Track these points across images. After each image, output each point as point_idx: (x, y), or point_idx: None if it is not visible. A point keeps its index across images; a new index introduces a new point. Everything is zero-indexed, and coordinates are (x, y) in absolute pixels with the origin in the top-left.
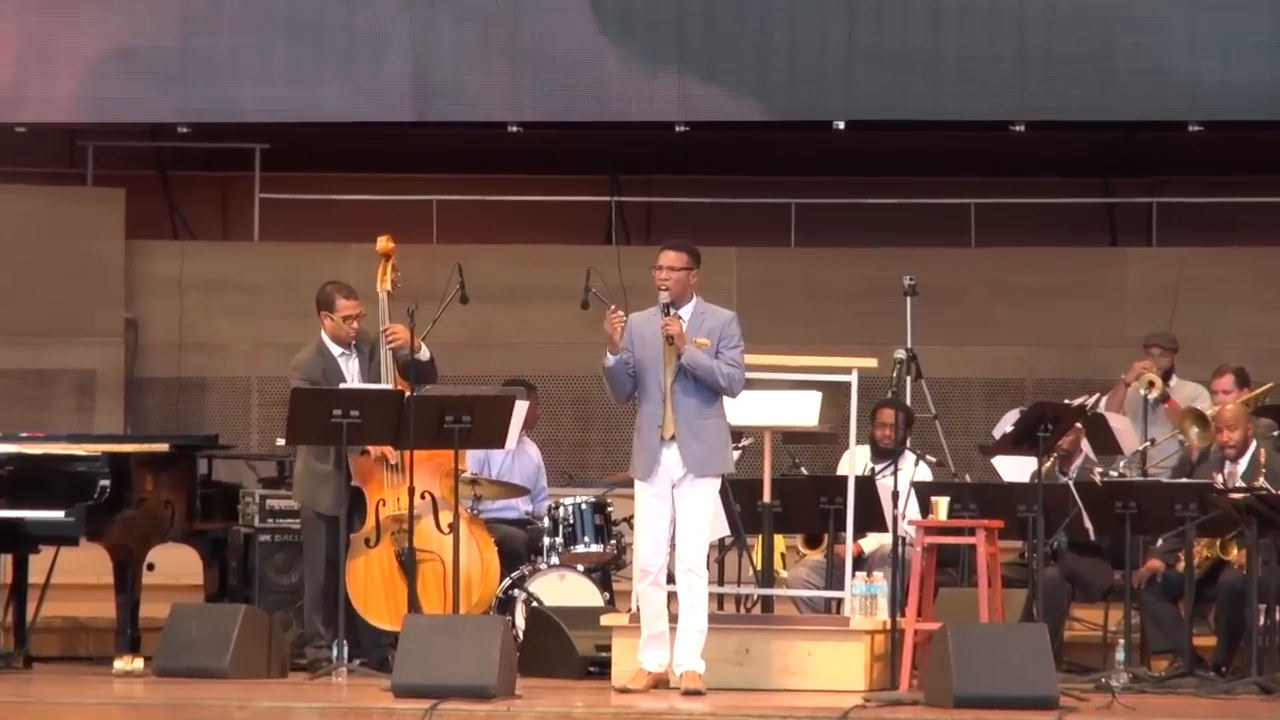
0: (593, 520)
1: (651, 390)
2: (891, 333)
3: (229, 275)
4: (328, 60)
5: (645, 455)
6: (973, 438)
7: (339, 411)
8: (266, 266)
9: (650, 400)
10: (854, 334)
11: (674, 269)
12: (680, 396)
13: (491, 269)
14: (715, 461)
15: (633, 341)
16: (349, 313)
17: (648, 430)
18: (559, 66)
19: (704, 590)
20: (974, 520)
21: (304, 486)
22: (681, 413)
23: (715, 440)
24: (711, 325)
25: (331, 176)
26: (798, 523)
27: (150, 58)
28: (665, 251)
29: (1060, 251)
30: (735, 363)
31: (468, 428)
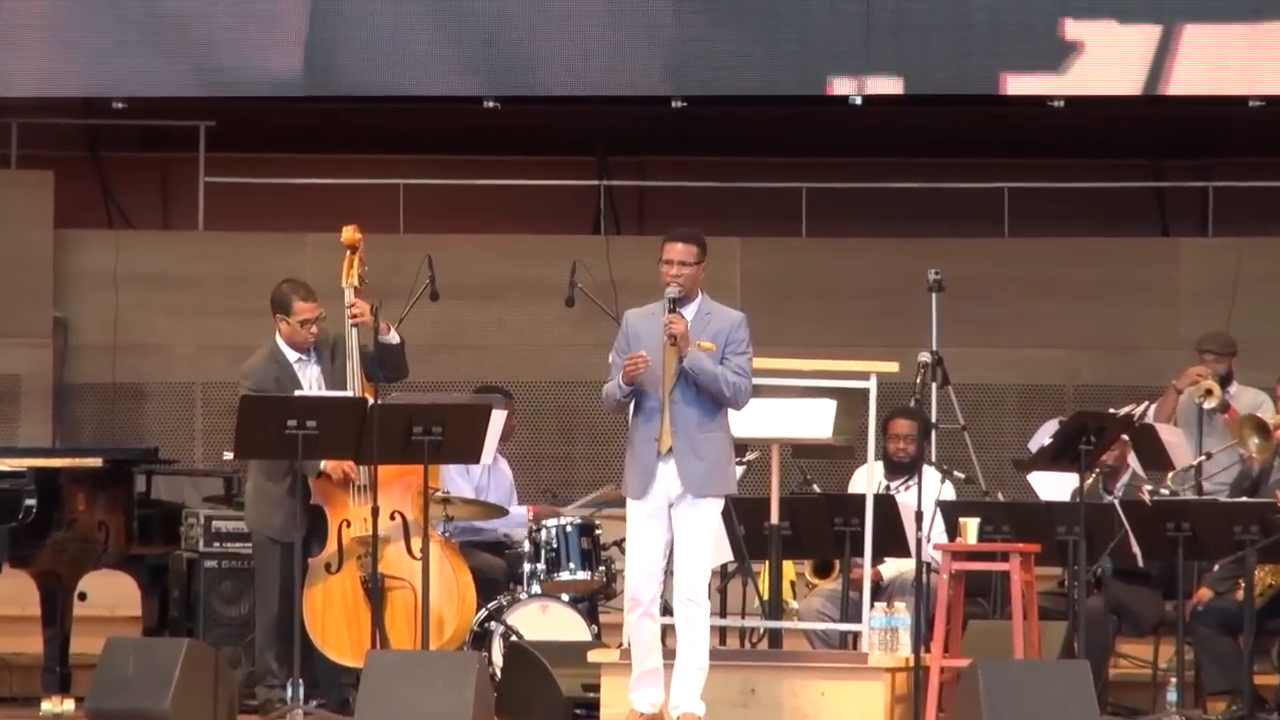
0: (579, 544)
1: (648, 398)
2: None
3: (170, 268)
4: (280, 28)
5: (639, 471)
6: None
7: (294, 422)
8: (213, 259)
9: (646, 409)
10: (873, 335)
11: (685, 264)
12: (680, 406)
13: (465, 261)
14: (717, 480)
15: (628, 342)
16: (307, 316)
17: (642, 443)
18: (540, 34)
19: (705, 623)
20: (1007, 544)
21: (255, 507)
22: (681, 425)
23: (718, 456)
24: (718, 328)
25: (285, 158)
26: (809, 547)
27: (81, 25)
28: (673, 243)
29: (1104, 242)
30: (742, 371)
31: (438, 440)
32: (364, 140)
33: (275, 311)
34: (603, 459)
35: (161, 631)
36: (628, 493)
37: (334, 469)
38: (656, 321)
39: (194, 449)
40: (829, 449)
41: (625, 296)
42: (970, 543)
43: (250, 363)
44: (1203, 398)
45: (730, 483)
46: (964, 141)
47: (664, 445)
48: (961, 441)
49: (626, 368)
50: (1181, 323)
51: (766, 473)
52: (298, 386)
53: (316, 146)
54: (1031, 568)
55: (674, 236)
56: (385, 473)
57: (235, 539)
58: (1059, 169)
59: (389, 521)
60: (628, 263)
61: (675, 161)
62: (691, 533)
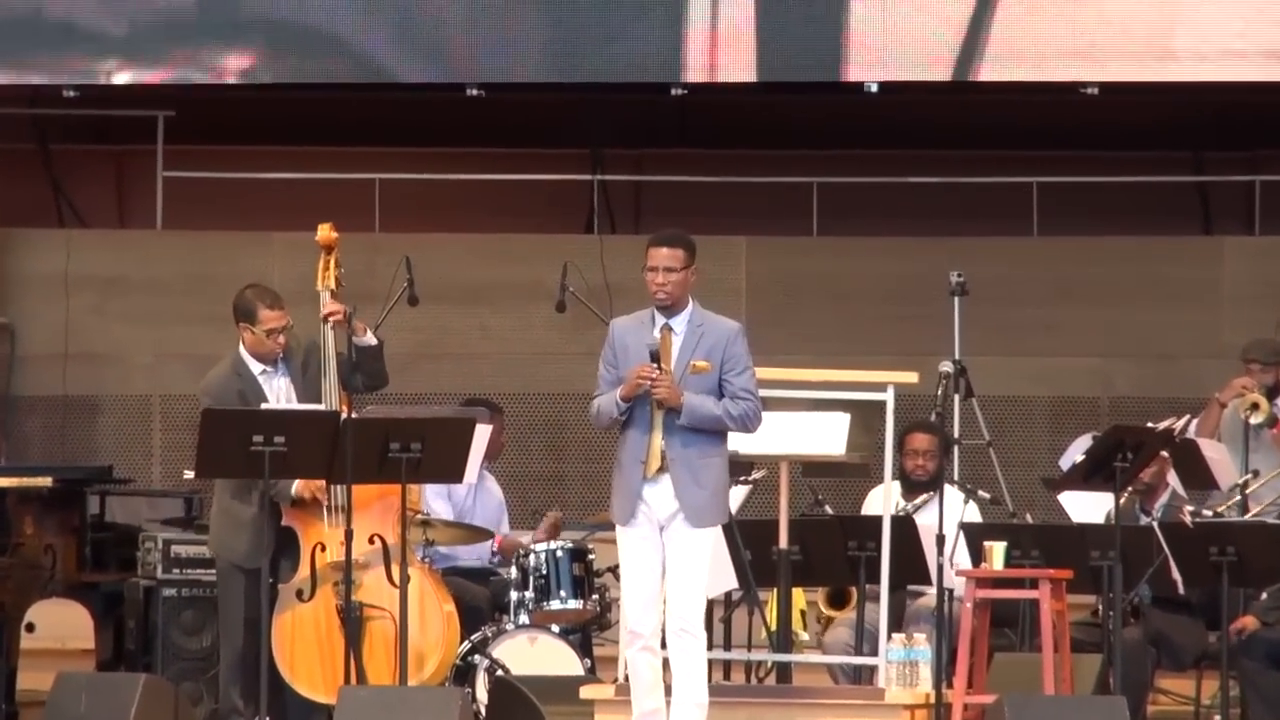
0: (570, 570)
1: (637, 416)
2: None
3: (126, 270)
4: (245, 8)
5: (625, 494)
6: (1035, 469)
7: (260, 438)
8: (172, 260)
9: (636, 428)
10: (890, 342)
11: (672, 270)
12: (677, 429)
13: (446, 263)
14: (719, 510)
15: (615, 355)
16: (273, 325)
17: (629, 464)
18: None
19: (702, 655)
20: (1036, 570)
21: (219, 530)
22: (678, 450)
23: (719, 484)
24: (712, 341)
25: (250, 150)
26: (821, 573)
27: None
28: (658, 248)
29: (1142, 241)
30: (747, 393)
31: (417, 457)
32: (336, 131)
33: (238, 320)
34: (597, 478)
35: (116, 666)
36: (614, 518)
37: (303, 490)
38: (645, 334)
39: (151, 467)
40: (842, 467)
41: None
42: (996, 568)
43: (210, 377)
44: (1249, 411)
45: (724, 511)
46: (989, 132)
47: (650, 468)
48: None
49: (633, 381)
50: (1225, 329)
51: (774, 493)
52: (263, 401)
53: (284, 138)
54: (1063, 595)
55: (658, 240)
56: (363, 493)
57: (197, 565)
58: (1092, 162)
59: (367, 546)
60: (623, 264)
61: (675, 154)
62: (685, 558)
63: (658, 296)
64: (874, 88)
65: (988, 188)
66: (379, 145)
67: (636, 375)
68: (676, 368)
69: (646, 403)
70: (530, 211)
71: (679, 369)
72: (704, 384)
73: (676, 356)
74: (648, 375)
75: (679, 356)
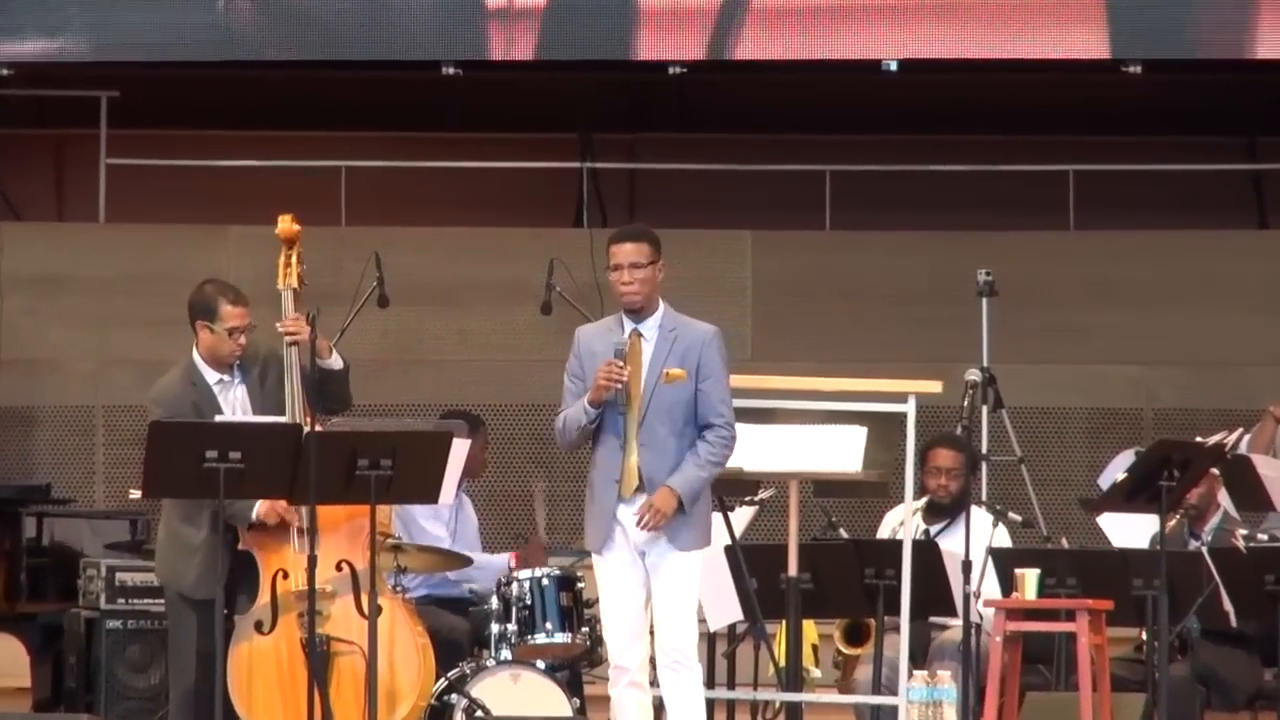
0: (557, 600)
1: (608, 432)
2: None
3: (66, 268)
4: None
5: (599, 518)
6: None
7: (214, 453)
8: (116, 256)
9: (607, 446)
10: (910, 348)
11: (638, 266)
12: (654, 448)
13: (420, 260)
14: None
15: (581, 366)
16: (235, 323)
17: (602, 485)
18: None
19: (699, 689)
20: (1073, 600)
21: (168, 556)
22: (658, 470)
23: (704, 507)
24: (686, 346)
25: (203, 135)
26: (834, 603)
27: None
28: (620, 244)
29: (1190, 236)
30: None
31: (387, 475)
32: (298, 114)
33: (195, 318)
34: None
35: (55, 706)
36: (588, 545)
37: (268, 513)
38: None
39: (94, 486)
40: (858, 486)
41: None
42: (1028, 598)
43: (161, 386)
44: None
45: (704, 535)
46: (1021, 115)
47: (627, 488)
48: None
49: (599, 380)
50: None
51: (783, 515)
52: (219, 412)
53: (240, 122)
54: (1102, 628)
55: (619, 235)
56: (330, 515)
57: (144, 594)
58: (1135, 148)
59: (333, 572)
60: None
61: (673, 139)
62: (671, 583)
63: (626, 297)
64: (893, 65)
65: (1019, 177)
66: (346, 129)
67: (603, 375)
68: (648, 378)
69: (618, 414)
70: (513, 203)
71: (651, 379)
72: (678, 394)
73: (648, 365)
74: (618, 375)
75: (650, 365)
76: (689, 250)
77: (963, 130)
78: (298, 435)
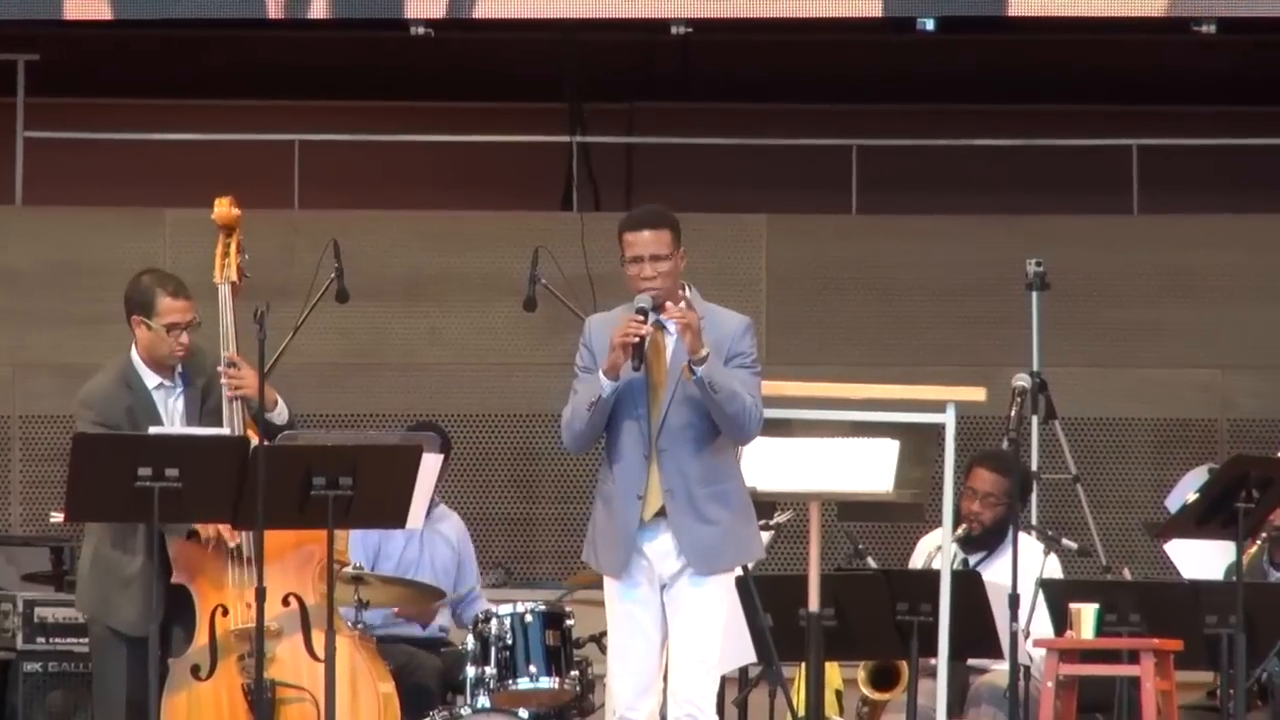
0: (542, 639)
1: (626, 439)
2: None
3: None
4: None
5: (616, 539)
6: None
7: (148, 470)
8: (36, 243)
9: (625, 454)
10: (950, 350)
11: (661, 257)
12: (674, 451)
13: (385, 248)
14: (732, 549)
15: (594, 358)
16: (176, 318)
17: (622, 500)
18: None
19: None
20: (1137, 639)
21: (94, 588)
22: (676, 478)
23: (732, 516)
24: (715, 338)
25: (136, 105)
26: (862, 642)
27: None
28: (637, 231)
29: (1271, 221)
30: (754, 392)
31: (347, 495)
32: (245, 81)
33: (131, 313)
34: (574, 521)
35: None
36: (601, 567)
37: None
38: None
39: (9, 508)
40: (889, 508)
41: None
42: (1086, 638)
43: (92, 387)
44: None
45: (751, 546)
46: (1077, 82)
47: (650, 508)
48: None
49: (616, 339)
50: None
51: (803, 541)
52: (157, 422)
53: (178, 90)
54: (1171, 671)
55: (635, 221)
56: (274, 541)
57: (67, 632)
58: (1208, 119)
59: (280, 608)
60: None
61: (676, 110)
62: (692, 623)
63: (647, 293)
64: (929, 24)
65: (1075, 152)
66: (299, 98)
67: (622, 332)
68: (671, 372)
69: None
70: (492, 182)
71: (674, 374)
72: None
73: (670, 360)
74: (637, 330)
75: (673, 359)
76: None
77: (1009, 99)
78: (244, 450)
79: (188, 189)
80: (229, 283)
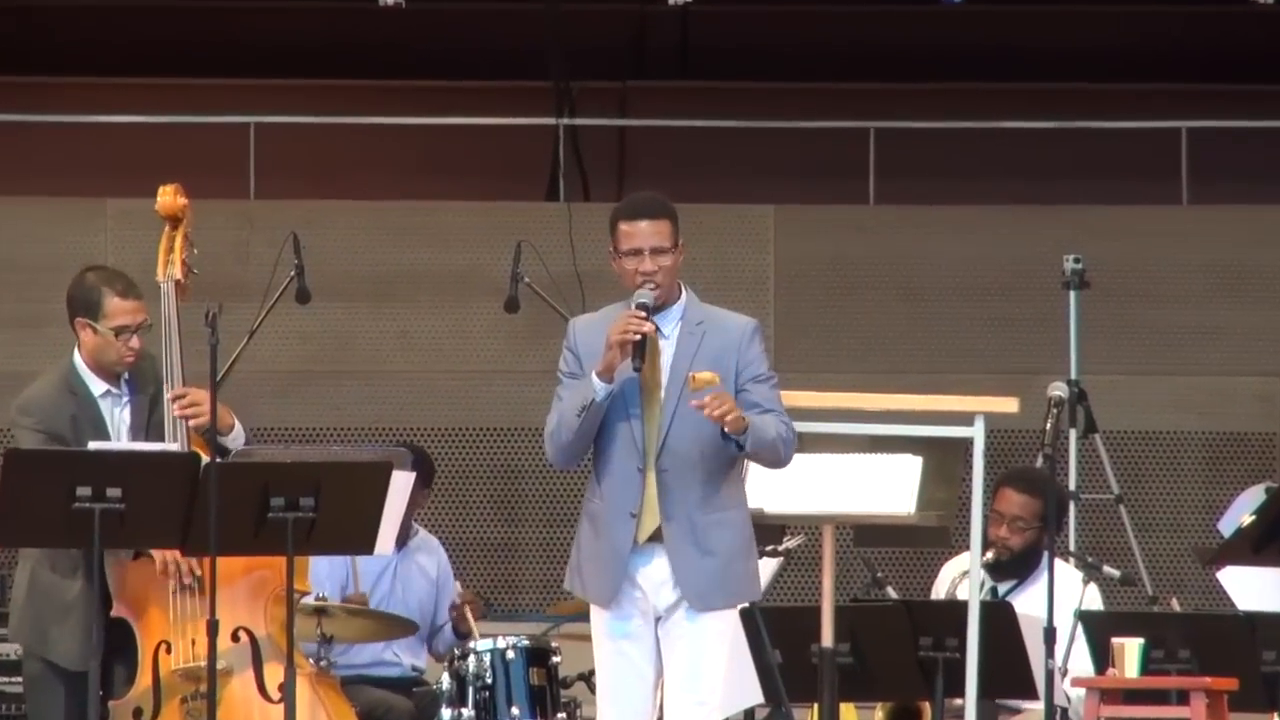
0: (525, 678)
1: (617, 450)
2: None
3: None
4: None
5: (605, 563)
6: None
7: (87, 490)
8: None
9: (616, 467)
10: (979, 355)
11: (662, 251)
12: (679, 472)
13: (350, 242)
14: (733, 584)
15: (580, 363)
16: (126, 320)
17: (611, 519)
18: None
19: None
20: (1187, 678)
21: (29, 619)
22: (675, 501)
23: (734, 547)
24: (720, 344)
25: (74, 84)
26: (881, 681)
27: None
28: (634, 221)
29: None
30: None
31: (309, 518)
32: (195, 57)
33: (75, 314)
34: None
35: None
36: (587, 595)
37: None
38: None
39: None
40: (912, 532)
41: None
42: (1129, 675)
43: (32, 393)
44: None
45: (751, 584)
46: (1119, 58)
47: (644, 531)
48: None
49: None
50: None
51: (815, 569)
52: (101, 431)
53: (121, 67)
54: (1225, 713)
55: (632, 210)
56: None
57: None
58: (1265, 100)
59: (229, 642)
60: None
61: (674, 89)
62: (690, 659)
63: (646, 289)
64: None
65: (1117, 136)
66: (255, 76)
67: (619, 328)
68: (669, 385)
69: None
70: (469, 170)
71: (675, 384)
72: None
73: (669, 369)
74: (638, 326)
75: (672, 368)
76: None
77: (1044, 77)
78: (194, 468)
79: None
80: (173, 281)
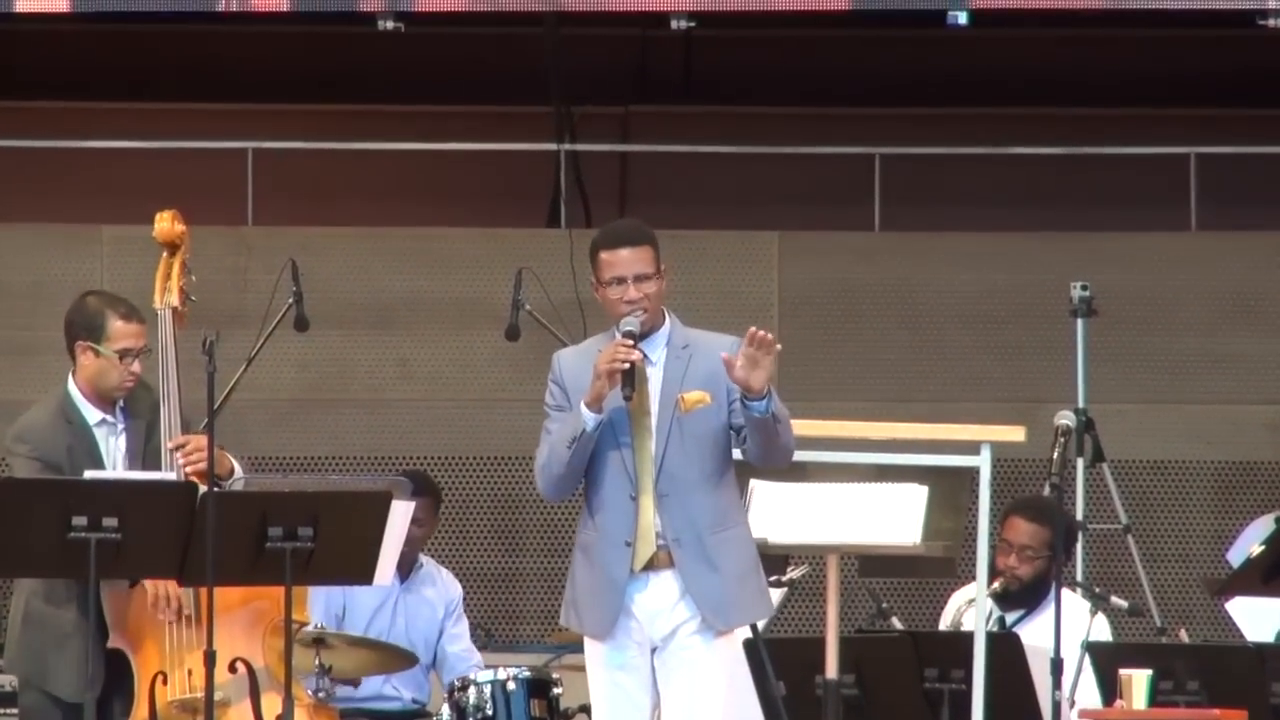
0: (526, 709)
1: (609, 479)
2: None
3: None
4: None
5: (601, 594)
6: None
7: (83, 520)
8: None
9: (609, 497)
10: (984, 384)
11: (645, 277)
12: (680, 495)
13: (349, 269)
14: (747, 602)
15: (568, 398)
16: (129, 344)
17: (606, 548)
18: None
19: None
20: (1196, 710)
21: (25, 651)
22: (683, 521)
23: (743, 565)
24: (708, 367)
25: (69, 109)
26: (886, 714)
27: None
28: (614, 249)
29: None
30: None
31: (307, 548)
32: (192, 81)
33: (76, 338)
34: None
35: None
36: (583, 628)
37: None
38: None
39: None
40: (916, 563)
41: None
42: (1137, 708)
43: (27, 421)
44: None
45: (764, 599)
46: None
47: (639, 559)
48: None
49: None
50: None
51: (819, 600)
52: (98, 463)
53: (117, 91)
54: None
55: (613, 239)
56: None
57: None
58: (1276, 124)
59: (226, 674)
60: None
61: (677, 114)
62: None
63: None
64: (962, 18)
65: (1125, 161)
66: (253, 101)
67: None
68: (660, 412)
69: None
70: (469, 196)
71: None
72: (703, 426)
73: (659, 395)
74: (627, 354)
75: (662, 394)
76: (697, 256)
77: (1051, 102)
78: (191, 497)
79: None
80: (170, 308)
